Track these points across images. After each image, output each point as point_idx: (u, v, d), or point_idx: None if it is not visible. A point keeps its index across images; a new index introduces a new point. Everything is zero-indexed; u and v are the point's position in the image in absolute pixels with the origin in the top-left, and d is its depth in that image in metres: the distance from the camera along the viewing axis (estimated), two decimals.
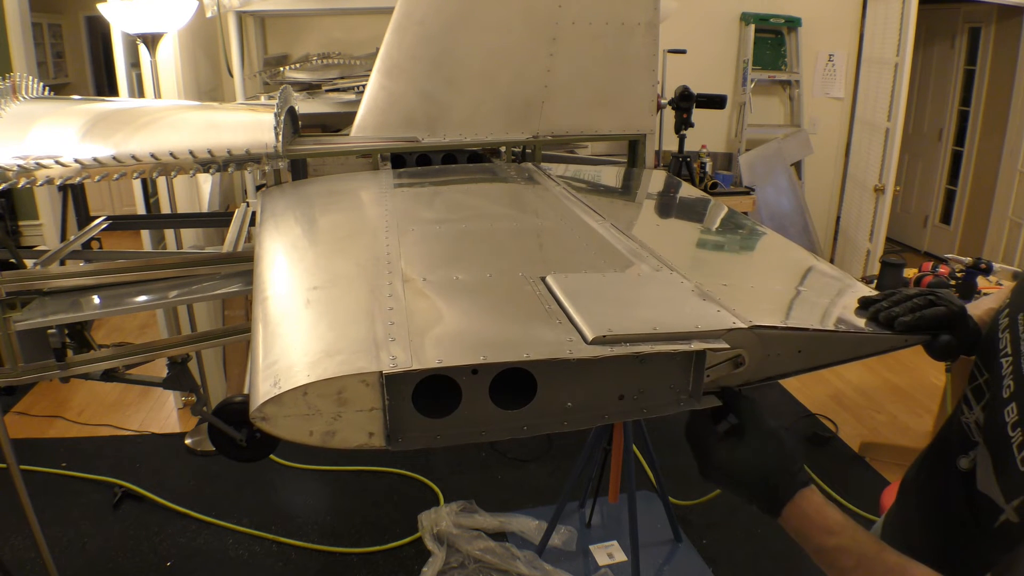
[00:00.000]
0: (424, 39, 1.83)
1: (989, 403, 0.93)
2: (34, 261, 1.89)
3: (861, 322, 0.99)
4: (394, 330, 0.86)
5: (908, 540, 1.09)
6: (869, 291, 1.08)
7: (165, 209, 3.35)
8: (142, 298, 1.75)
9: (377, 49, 1.84)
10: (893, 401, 3.89)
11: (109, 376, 1.88)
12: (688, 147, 4.00)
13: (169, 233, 3.40)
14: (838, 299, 1.09)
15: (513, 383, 0.82)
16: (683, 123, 3.83)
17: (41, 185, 1.62)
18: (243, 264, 1.79)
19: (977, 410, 0.96)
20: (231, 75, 3.62)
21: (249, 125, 1.78)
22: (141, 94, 3.36)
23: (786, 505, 0.87)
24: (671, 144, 4.09)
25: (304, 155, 1.86)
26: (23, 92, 1.83)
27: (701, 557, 2.71)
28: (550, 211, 1.52)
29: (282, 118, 1.73)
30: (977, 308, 1.06)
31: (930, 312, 0.94)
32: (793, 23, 4.80)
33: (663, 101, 3.75)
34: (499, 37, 1.85)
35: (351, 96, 3.45)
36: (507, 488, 3.12)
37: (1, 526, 2.74)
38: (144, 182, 3.42)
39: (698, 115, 3.87)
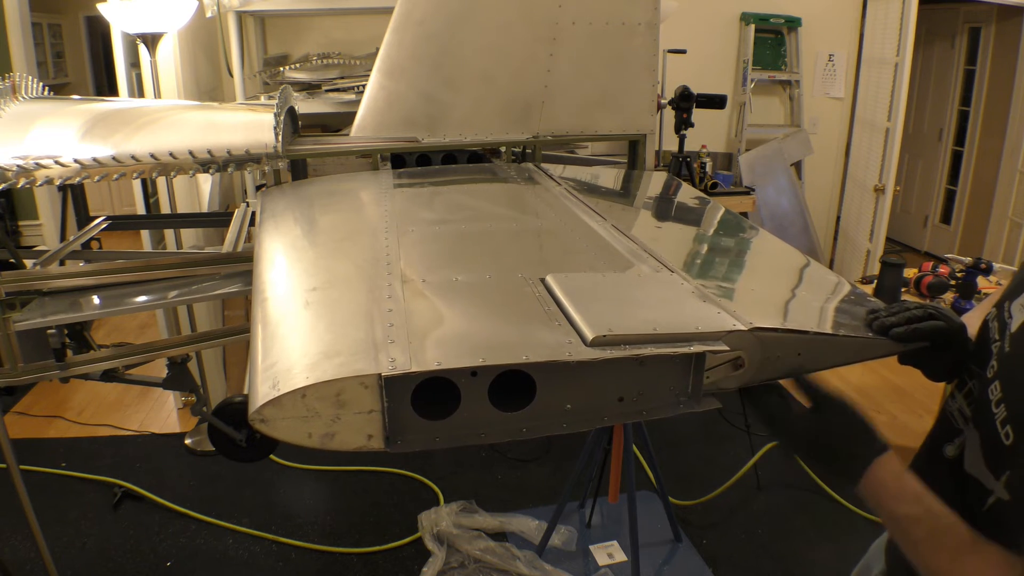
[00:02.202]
0: (424, 39, 1.83)
1: (975, 386, 0.95)
2: (34, 261, 1.89)
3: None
4: (393, 332, 0.86)
5: None
6: (868, 295, 1.08)
7: (165, 209, 3.35)
8: (142, 298, 1.75)
9: (377, 49, 1.84)
10: (893, 401, 3.88)
11: (109, 376, 1.88)
12: (688, 147, 3.99)
13: (169, 233, 3.40)
14: (838, 303, 1.09)
15: (512, 385, 0.82)
16: (683, 123, 3.83)
17: (41, 185, 1.62)
18: (243, 264, 1.79)
19: (960, 398, 0.99)
20: (231, 75, 3.62)
21: (249, 125, 1.78)
22: (141, 94, 3.36)
23: (865, 473, 0.88)
24: (671, 144, 4.09)
25: (304, 155, 1.86)
26: (23, 92, 1.83)
27: (701, 557, 2.71)
28: (550, 212, 1.52)
29: (282, 118, 1.72)
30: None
31: (925, 325, 0.95)
32: (793, 23, 4.80)
33: (663, 101, 3.74)
34: (499, 37, 1.85)
35: (351, 96, 3.45)
36: (507, 488, 3.12)
37: (1, 526, 2.74)
38: (144, 182, 3.41)
39: (698, 115, 3.86)
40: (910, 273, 2.96)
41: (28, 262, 1.88)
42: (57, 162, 1.59)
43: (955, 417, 0.99)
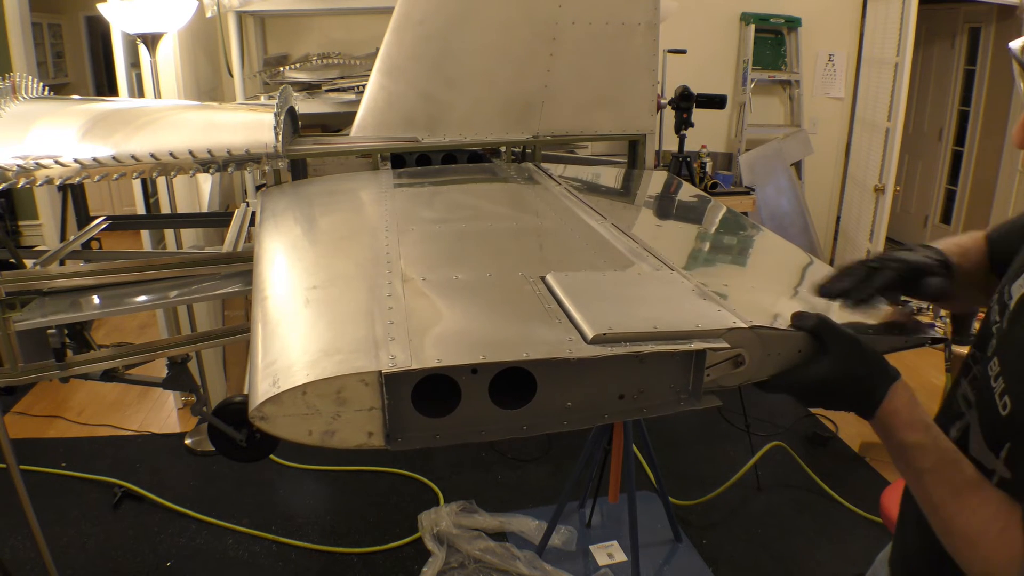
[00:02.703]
0: (424, 39, 1.83)
1: (978, 371, 0.95)
2: (34, 261, 1.89)
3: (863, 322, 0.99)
4: (393, 329, 0.86)
5: (905, 536, 1.09)
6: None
7: (165, 209, 3.35)
8: (142, 298, 1.75)
9: (377, 49, 1.84)
10: None
11: (109, 376, 1.88)
12: (688, 147, 3.99)
13: (169, 233, 3.40)
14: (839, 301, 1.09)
15: (513, 382, 0.82)
16: (683, 123, 3.83)
17: (41, 185, 1.62)
18: (243, 264, 1.79)
19: (965, 384, 0.99)
20: (231, 75, 3.62)
21: (249, 125, 1.78)
22: (141, 94, 3.36)
23: (882, 403, 0.87)
24: (671, 144, 4.09)
25: (304, 155, 1.86)
26: (23, 92, 1.83)
27: (701, 557, 2.71)
28: (550, 211, 1.52)
29: (282, 118, 1.73)
30: (946, 243, 1.08)
31: (879, 281, 0.96)
32: (793, 23, 4.80)
33: (663, 101, 3.74)
34: (499, 37, 1.85)
35: (351, 96, 3.45)
36: (507, 488, 3.12)
37: (1, 526, 2.74)
38: (144, 182, 3.41)
39: (698, 115, 3.86)
40: None
41: (28, 262, 1.88)
42: (57, 162, 1.59)
43: (959, 402, 0.99)
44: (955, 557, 0.85)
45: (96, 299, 1.73)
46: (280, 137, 1.69)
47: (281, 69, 3.61)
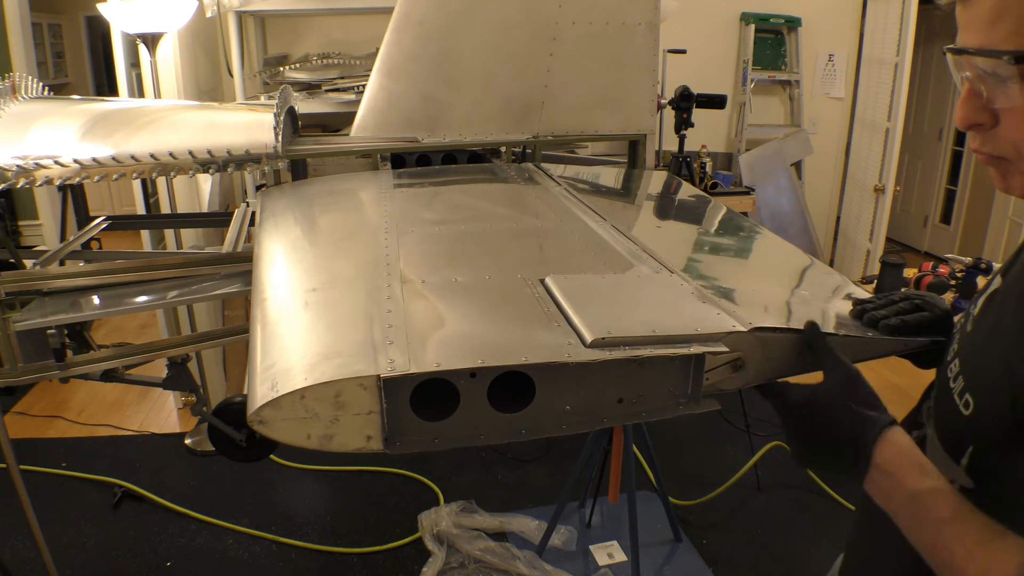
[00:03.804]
0: (424, 39, 1.83)
1: (938, 374, 0.93)
2: (34, 261, 1.89)
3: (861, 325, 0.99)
4: (392, 333, 0.85)
5: (866, 558, 1.07)
6: (866, 294, 1.08)
7: (165, 209, 3.35)
8: (142, 298, 1.75)
9: (377, 49, 1.84)
10: (893, 401, 3.85)
11: (109, 376, 1.88)
12: (688, 147, 3.98)
13: (169, 233, 3.40)
14: (838, 303, 1.09)
15: (512, 386, 0.82)
16: (683, 123, 3.82)
17: (40, 185, 1.62)
18: (243, 264, 1.79)
19: (930, 398, 0.96)
20: (231, 75, 3.62)
21: (249, 125, 1.78)
22: (141, 94, 3.36)
23: (875, 446, 0.79)
24: (671, 144, 4.09)
25: (304, 155, 1.86)
26: (23, 92, 1.83)
27: (701, 557, 2.71)
28: (550, 212, 1.52)
29: (282, 118, 1.72)
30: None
31: (912, 318, 0.97)
32: (793, 23, 4.79)
33: (663, 101, 3.74)
34: (499, 37, 1.85)
35: (351, 96, 3.44)
36: (507, 488, 3.12)
37: (1, 526, 2.74)
38: (144, 182, 3.41)
39: (698, 115, 3.86)
40: (910, 273, 2.95)
41: (28, 262, 1.88)
42: (57, 162, 1.59)
43: (923, 414, 0.97)
44: None
45: (96, 299, 1.73)
46: (280, 137, 1.69)
47: (281, 69, 3.61)
